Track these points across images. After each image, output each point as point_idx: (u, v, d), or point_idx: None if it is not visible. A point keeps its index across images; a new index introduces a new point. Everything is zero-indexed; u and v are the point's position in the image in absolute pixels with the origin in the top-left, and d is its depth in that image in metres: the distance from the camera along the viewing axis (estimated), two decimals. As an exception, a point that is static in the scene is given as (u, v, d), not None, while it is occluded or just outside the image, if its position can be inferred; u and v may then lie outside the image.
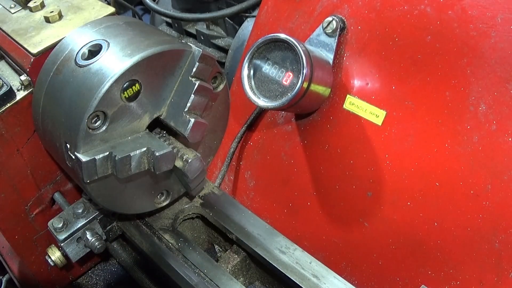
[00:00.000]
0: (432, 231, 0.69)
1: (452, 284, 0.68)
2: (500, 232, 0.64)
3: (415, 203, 0.70)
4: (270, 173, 0.86)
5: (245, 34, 1.05)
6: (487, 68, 0.65)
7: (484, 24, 0.65)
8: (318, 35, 0.78)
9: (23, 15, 0.92)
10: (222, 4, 1.16)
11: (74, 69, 0.72)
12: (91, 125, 0.68)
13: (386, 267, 0.73)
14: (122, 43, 0.73)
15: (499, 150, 0.64)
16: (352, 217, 0.76)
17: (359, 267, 0.76)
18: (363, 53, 0.75)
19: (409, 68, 0.71)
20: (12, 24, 0.90)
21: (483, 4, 0.66)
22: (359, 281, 0.75)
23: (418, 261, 0.70)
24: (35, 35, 0.86)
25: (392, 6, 0.73)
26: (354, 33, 0.76)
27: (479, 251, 0.65)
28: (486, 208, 0.65)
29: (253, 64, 0.74)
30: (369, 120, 0.74)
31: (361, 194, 0.75)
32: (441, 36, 0.68)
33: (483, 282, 0.65)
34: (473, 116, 0.66)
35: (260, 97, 0.73)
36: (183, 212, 0.88)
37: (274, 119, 0.86)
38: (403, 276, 0.72)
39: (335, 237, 0.78)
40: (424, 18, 0.70)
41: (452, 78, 0.67)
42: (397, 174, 0.72)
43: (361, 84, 0.75)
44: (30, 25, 0.89)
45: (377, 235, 0.74)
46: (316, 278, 0.72)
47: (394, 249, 0.72)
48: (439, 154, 0.69)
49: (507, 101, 0.64)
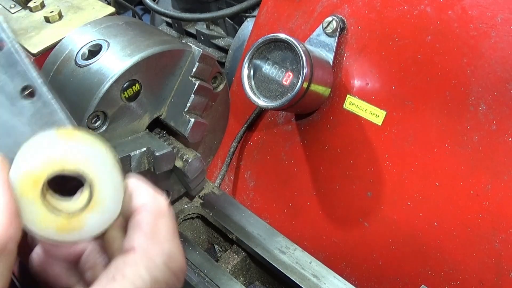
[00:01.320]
0: (432, 231, 0.69)
1: (452, 284, 0.68)
2: (500, 232, 0.64)
3: (415, 203, 0.70)
4: (270, 173, 0.86)
5: (245, 34, 1.05)
6: (487, 68, 0.65)
7: (484, 24, 0.65)
8: (318, 35, 0.78)
9: (23, 15, 0.92)
10: (222, 4, 1.16)
11: (74, 69, 0.72)
12: (91, 125, 0.68)
13: (386, 267, 0.73)
14: (122, 43, 0.73)
15: (499, 150, 0.64)
16: (352, 217, 0.76)
17: (359, 267, 0.76)
18: (363, 53, 0.75)
19: (409, 68, 0.71)
20: (12, 24, 0.90)
21: (483, 4, 0.66)
22: (359, 281, 0.75)
23: (418, 261, 0.70)
24: (35, 35, 0.86)
25: (392, 6, 0.73)
26: (354, 33, 0.76)
27: (479, 251, 0.65)
28: (486, 208, 0.65)
29: (253, 64, 0.74)
30: (369, 120, 0.74)
31: (361, 194, 0.75)
32: (441, 36, 0.68)
33: (483, 282, 0.65)
34: (473, 116, 0.66)
35: (260, 97, 0.73)
36: (183, 212, 0.88)
37: (274, 119, 0.86)
38: (403, 276, 0.72)
39: (335, 237, 0.78)
40: (424, 18, 0.70)
41: (452, 78, 0.67)
42: (397, 174, 0.72)
43: (361, 84, 0.75)
44: (30, 25, 0.89)
45: (377, 235, 0.74)
46: (316, 278, 0.72)
47: (394, 249, 0.72)
48: (439, 154, 0.69)
49: (507, 101, 0.64)
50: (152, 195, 0.45)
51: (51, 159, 0.39)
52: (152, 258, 0.40)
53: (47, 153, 0.39)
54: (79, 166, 0.40)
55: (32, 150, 0.39)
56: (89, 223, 0.41)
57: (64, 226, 0.41)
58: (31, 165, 0.39)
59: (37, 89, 0.45)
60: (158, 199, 0.45)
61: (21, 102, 0.45)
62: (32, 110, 0.45)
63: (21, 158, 0.39)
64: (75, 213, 0.41)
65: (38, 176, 0.39)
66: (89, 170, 0.41)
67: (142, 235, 0.41)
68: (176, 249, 0.43)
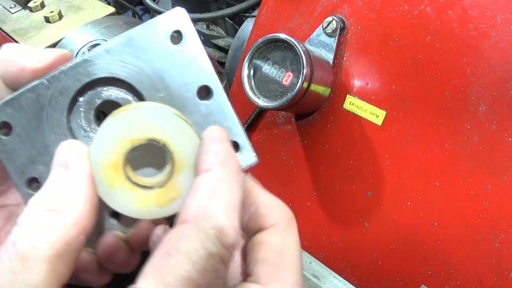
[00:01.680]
0: (432, 231, 0.69)
1: (452, 284, 0.68)
2: (500, 232, 0.64)
3: (415, 203, 0.70)
4: (270, 173, 0.86)
5: (245, 34, 1.05)
6: (487, 68, 0.65)
7: (484, 24, 0.65)
8: (318, 35, 0.78)
9: (23, 15, 0.92)
10: (222, 4, 1.16)
11: (74, 69, 0.72)
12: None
13: (386, 267, 0.73)
14: (122, 43, 0.73)
15: (499, 150, 0.64)
16: (352, 217, 0.76)
17: (359, 267, 0.76)
18: (363, 53, 0.75)
19: (409, 68, 0.71)
20: (12, 24, 0.90)
21: (483, 4, 0.66)
22: (359, 281, 0.75)
23: (418, 261, 0.70)
24: (35, 35, 0.86)
25: (392, 6, 0.73)
26: (354, 33, 0.76)
27: (479, 251, 0.65)
28: (486, 208, 0.65)
29: (253, 64, 0.74)
30: (369, 120, 0.74)
31: (361, 194, 0.75)
32: (441, 36, 0.68)
33: (483, 282, 0.65)
34: (473, 116, 0.66)
35: (260, 97, 0.73)
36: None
37: (274, 119, 0.86)
38: (403, 276, 0.72)
39: (335, 237, 0.78)
40: (424, 18, 0.70)
41: (452, 78, 0.68)
42: (397, 174, 0.72)
43: (361, 84, 0.75)
44: (30, 25, 0.89)
45: (377, 235, 0.74)
46: (316, 278, 0.72)
47: (394, 249, 0.72)
48: (439, 154, 0.69)
49: (507, 101, 0.64)
50: (282, 208, 0.41)
51: (123, 137, 0.38)
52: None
53: (115, 134, 0.39)
54: (152, 133, 0.39)
55: (102, 137, 0.39)
56: (184, 184, 0.40)
57: (163, 198, 0.39)
58: (106, 153, 0.38)
59: (214, 90, 0.43)
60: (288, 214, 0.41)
61: (195, 101, 0.43)
62: (206, 111, 0.43)
63: (94, 147, 0.39)
64: (165, 182, 0.40)
65: (115, 160, 0.38)
66: (162, 134, 0.39)
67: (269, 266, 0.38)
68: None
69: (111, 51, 0.41)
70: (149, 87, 0.42)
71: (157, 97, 0.42)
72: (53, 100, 0.42)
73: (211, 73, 0.43)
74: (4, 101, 0.41)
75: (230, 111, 0.44)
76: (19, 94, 0.41)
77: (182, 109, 0.42)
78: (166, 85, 0.42)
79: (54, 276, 0.33)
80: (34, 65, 0.42)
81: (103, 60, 0.41)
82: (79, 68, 0.41)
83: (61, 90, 0.42)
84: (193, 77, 0.43)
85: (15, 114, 0.41)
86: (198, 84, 0.43)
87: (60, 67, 0.41)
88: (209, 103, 0.43)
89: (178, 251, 0.32)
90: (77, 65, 0.41)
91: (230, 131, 0.44)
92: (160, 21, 0.41)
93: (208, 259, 0.33)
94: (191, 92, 0.43)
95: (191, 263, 0.32)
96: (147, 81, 0.42)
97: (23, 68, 0.42)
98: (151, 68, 0.42)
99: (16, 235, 0.34)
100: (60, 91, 0.42)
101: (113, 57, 0.41)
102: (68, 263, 0.35)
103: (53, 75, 0.41)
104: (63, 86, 0.41)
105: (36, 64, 0.42)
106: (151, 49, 0.42)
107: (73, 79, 0.41)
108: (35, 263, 0.32)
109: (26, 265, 0.32)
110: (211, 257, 0.33)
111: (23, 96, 0.41)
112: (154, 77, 0.42)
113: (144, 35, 0.41)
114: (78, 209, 0.36)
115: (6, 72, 0.42)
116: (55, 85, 0.41)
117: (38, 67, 0.42)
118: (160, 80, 0.42)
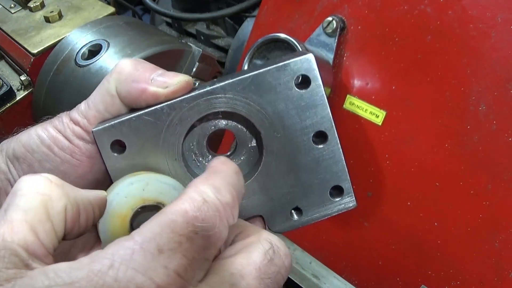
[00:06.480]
0: (432, 231, 0.69)
1: (452, 284, 0.68)
2: (500, 232, 0.64)
3: (415, 203, 0.70)
4: (270, 173, 0.86)
5: (245, 34, 1.05)
6: (487, 68, 0.65)
7: (484, 24, 0.65)
8: (318, 35, 0.78)
9: (23, 15, 0.92)
10: (222, 4, 1.16)
11: (74, 69, 0.72)
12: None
13: (386, 267, 0.73)
14: (122, 43, 0.73)
15: (499, 150, 0.64)
16: (352, 217, 0.76)
17: (359, 267, 0.76)
18: (363, 53, 0.75)
19: (409, 68, 0.71)
20: (12, 24, 0.90)
21: (483, 4, 0.66)
22: (359, 281, 0.75)
23: (418, 261, 0.70)
24: (35, 35, 0.86)
25: (392, 6, 0.73)
26: (354, 33, 0.76)
27: (479, 251, 0.65)
28: (486, 208, 0.65)
29: (253, 64, 0.74)
30: (369, 120, 0.74)
31: (361, 194, 0.75)
32: (441, 36, 0.68)
33: (483, 282, 0.65)
34: (473, 116, 0.66)
35: (260, 97, 0.73)
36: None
37: (274, 119, 0.86)
38: (403, 276, 0.72)
39: (335, 237, 0.78)
40: (424, 18, 0.70)
41: (452, 78, 0.67)
42: (397, 174, 0.72)
43: (361, 84, 0.75)
44: (30, 25, 0.89)
45: (377, 235, 0.74)
46: (316, 278, 0.72)
47: (394, 249, 0.72)
48: (439, 154, 0.69)
49: (507, 101, 0.64)
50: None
51: (133, 199, 0.41)
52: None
53: (125, 194, 0.40)
54: (161, 199, 0.41)
55: (116, 193, 0.40)
56: None
57: None
58: (117, 208, 0.40)
59: (330, 136, 0.45)
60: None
61: (309, 145, 0.44)
62: (318, 155, 0.45)
63: (109, 203, 0.41)
64: None
65: (125, 215, 0.40)
66: (167, 202, 0.41)
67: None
68: None
69: (235, 86, 0.42)
70: (268, 126, 0.43)
71: (274, 136, 0.43)
72: (172, 126, 0.42)
73: (330, 119, 0.45)
74: (120, 120, 0.41)
75: (341, 157, 0.45)
76: (137, 116, 0.41)
77: (295, 151, 0.44)
78: (284, 126, 0.43)
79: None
80: (157, 90, 0.41)
81: (225, 94, 0.42)
82: (202, 99, 0.42)
83: (181, 118, 0.42)
84: (312, 121, 0.44)
85: (131, 134, 0.42)
86: (315, 129, 0.44)
87: (182, 96, 0.42)
88: (322, 148, 0.45)
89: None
90: (200, 95, 0.42)
91: (338, 176, 0.46)
92: (290, 65, 0.42)
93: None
94: (307, 136, 0.44)
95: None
96: (267, 121, 0.43)
97: (144, 90, 0.41)
98: (273, 108, 0.43)
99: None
100: (180, 119, 0.42)
101: (236, 92, 0.42)
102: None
103: (174, 103, 0.42)
104: (184, 115, 0.42)
105: (159, 90, 0.41)
106: (276, 90, 0.42)
107: (195, 109, 0.42)
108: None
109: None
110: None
111: (141, 118, 0.41)
112: (274, 117, 0.43)
113: (271, 76, 0.42)
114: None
115: (126, 91, 0.42)
116: (175, 112, 0.42)
117: (160, 92, 0.41)
118: (280, 121, 0.43)
